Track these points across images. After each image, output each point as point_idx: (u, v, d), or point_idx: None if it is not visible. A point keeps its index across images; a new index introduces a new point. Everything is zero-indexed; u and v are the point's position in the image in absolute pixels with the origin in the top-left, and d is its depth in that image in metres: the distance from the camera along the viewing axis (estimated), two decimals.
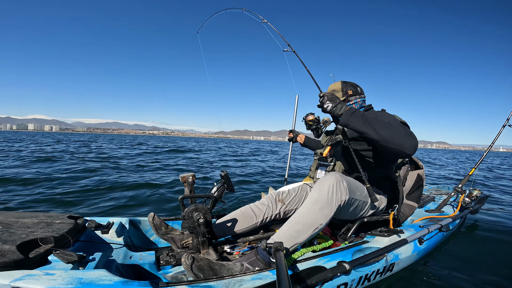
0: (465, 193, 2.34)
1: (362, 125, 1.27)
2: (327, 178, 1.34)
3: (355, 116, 1.29)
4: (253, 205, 1.74)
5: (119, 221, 1.71)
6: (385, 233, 1.58)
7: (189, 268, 1.08)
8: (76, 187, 4.24)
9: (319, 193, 1.30)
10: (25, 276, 0.88)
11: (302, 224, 1.25)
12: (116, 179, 5.01)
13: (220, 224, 1.66)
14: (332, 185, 1.30)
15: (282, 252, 1.07)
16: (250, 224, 1.67)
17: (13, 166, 6.18)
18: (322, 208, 1.27)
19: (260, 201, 1.78)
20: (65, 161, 7.50)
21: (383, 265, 1.46)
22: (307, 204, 1.30)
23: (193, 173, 1.76)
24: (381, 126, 1.25)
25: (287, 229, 1.26)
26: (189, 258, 1.10)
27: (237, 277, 1.05)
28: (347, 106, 1.34)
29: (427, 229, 1.74)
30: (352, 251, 1.38)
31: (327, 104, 1.34)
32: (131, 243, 1.66)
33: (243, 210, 1.71)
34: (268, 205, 1.73)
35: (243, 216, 1.68)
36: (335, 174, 1.36)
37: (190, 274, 1.09)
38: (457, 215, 2.13)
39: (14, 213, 1.42)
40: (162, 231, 1.55)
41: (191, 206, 1.54)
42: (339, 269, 1.19)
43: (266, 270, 1.12)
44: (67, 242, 1.22)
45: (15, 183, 4.32)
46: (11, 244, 0.99)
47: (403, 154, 1.25)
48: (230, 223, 1.65)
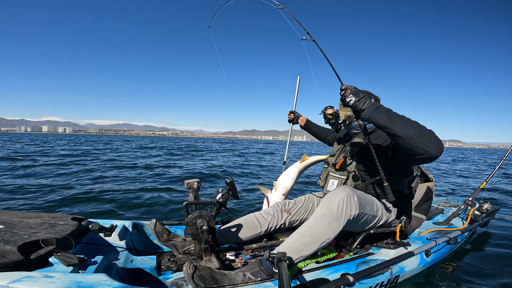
0: (475, 206, 2.28)
1: (387, 120, 1.20)
2: (337, 192, 1.31)
3: (379, 110, 1.23)
4: (257, 214, 1.71)
5: (122, 224, 1.71)
6: (391, 245, 1.54)
7: (190, 277, 1.06)
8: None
9: (328, 207, 1.27)
10: (24, 277, 0.88)
11: (309, 237, 1.23)
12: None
13: (224, 231, 1.63)
14: (343, 200, 1.28)
15: (285, 262, 1.05)
16: (254, 232, 1.64)
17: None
18: (331, 222, 1.25)
19: (265, 210, 1.75)
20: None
21: (387, 278, 1.42)
22: (316, 217, 1.28)
23: (198, 179, 1.75)
24: (408, 122, 1.20)
25: (293, 241, 1.24)
26: (190, 267, 1.08)
27: (238, 286, 1.03)
28: (371, 100, 1.28)
29: (435, 241, 1.70)
30: (357, 263, 1.35)
31: (350, 98, 1.27)
32: (133, 246, 1.66)
33: (248, 219, 1.68)
34: (273, 214, 1.70)
35: (247, 224, 1.65)
36: (346, 188, 1.33)
37: (191, 283, 1.07)
38: (466, 228, 2.07)
39: (19, 213, 1.44)
40: (164, 238, 1.53)
41: (195, 212, 1.53)
42: (343, 281, 1.16)
43: (268, 281, 1.10)
44: (69, 244, 1.22)
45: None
46: (12, 245, 0.99)
47: (427, 155, 1.17)
48: (234, 230, 1.63)
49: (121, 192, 4.26)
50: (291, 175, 2.15)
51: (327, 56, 1.77)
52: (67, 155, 10.79)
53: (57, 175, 5.81)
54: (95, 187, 4.60)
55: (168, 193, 4.45)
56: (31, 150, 12.29)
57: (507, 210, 3.95)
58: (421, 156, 1.19)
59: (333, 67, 1.66)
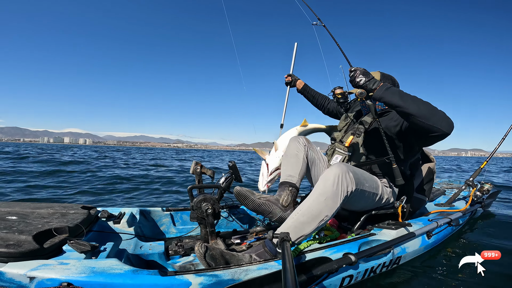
0: (476, 187, 2.29)
1: (399, 99, 1.26)
2: (332, 169, 1.32)
3: (391, 90, 1.30)
4: (286, 150, 1.70)
5: (130, 211, 1.76)
6: (392, 226, 1.58)
7: (203, 256, 1.09)
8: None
9: (324, 184, 1.29)
10: (41, 266, 0.92)
11: (307, 216, 1.25)
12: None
13: (287, 175, 1.56)
14: (338, 176, 1.29)
15: (288, 242, 1.07)
16: (300, 159, 1.61)
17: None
18: (327, 199, 1.26)
19: (288, 144, 1.72)
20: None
21: (389, 258, 1.46)
22: (313, 195, 1.30)
23: (196, 161, 1.76)
24: (420, 101, 1.26)
25: (292, 221, 1.26)
26: (202, 247, 1.11)
27: (243, 266, 1.08)
28: (381, 82, 1.34)
29: (436, 223, 1.73)
30: (359, 243, 1.39)
31: (360, 78, 1.33)
32: (141, 233, 1.72)
33: (285, 156, 1.66)
34: (297, 141, 1.68)
35: (290, 158, 1.62)
36: (341, 165, 1.34)
37: (203, 262, 1.10)
38: (467, 210, 2.10)
39: (30, 204, 1.48)
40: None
41: (199, 196, 1.56)
42: (345, 260, 1.20)
43: (272, 260, 1.14)
44: (80, 232, 1.27)
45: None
46: (27, 235, 1.04)
47: (439, 132, 1.23)
48: (290, 168, 1.58)
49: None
50: (289, 134, 2.07)
51: (336, 41, 1.76)
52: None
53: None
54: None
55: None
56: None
57: (509, 192, 3.97)
58: (434, 134, 1.25)
59: (342, 50, 1.67)
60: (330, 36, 1.83)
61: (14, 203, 1.49)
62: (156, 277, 0.95)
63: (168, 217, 1.96)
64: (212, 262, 1.11)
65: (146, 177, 6.27)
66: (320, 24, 1.87)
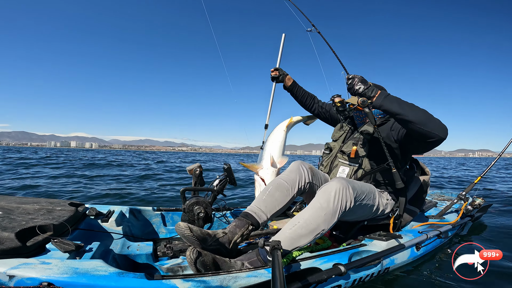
0: (468, 200, 2.31)
1: (398, 107, 1.31)
2: (332, 184, 1.32)
3: (390, 98, 1.34)
4: (282, 176, 1.55)
5: (120, 209, 1.73)
6: (383, 237, 1.57)
7: (193, 262, 1.07)
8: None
9: (324, 200, 1.29)
10: (21, 264, 0.89)
11: (305, 229, 1.24)
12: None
13: (257, 206, 1.41)
14: (339, 192, 1.29)
15: (279, 251, 1.06)
16: (288, 197, 1.48)
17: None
18: (327, 214, 1.26)
19: (288, 170, 1.59)
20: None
21: (378, 269, 1.46)
22: (312, 209, 1.29)
23: (199, 164, 1.74)
24: (417, 109, 1.31)
25: (290, 233, 1.25)
26: (194, 252, 1.08)
27: (232, 273, 1.06)
28: (379, 90, 1.36)
29: (426, 235, 1.73)
30: (349, 253, 1.38)
31: (358, 86, 1.35)
32: (129, 232, 1.68)
33: (275, 184, 1.50)
34: (298, 170, 1.56)
35: (278, 190, 1.47)
36: (341, 180, 1.34)
37: (192, 268, 1.08)
38: (457, 222, 2.11)
39: (17, 198, 1.44)
40: (209, 243, 1.19)
41: (192, 199, 1.53)
42: (334, 271, 1.19)
43: (262, 268, 1.12)
44: (66, 231, 1.24)
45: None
46: (10, 231, 1.00)
47: (436, 138, 1.29)
48: (268, 201, 1.43)
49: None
50: (278, 138, 2.01)
51: (332, 47, 1.76)
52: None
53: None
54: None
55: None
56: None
57: (499, 205, 4.01)
58: (431, 139, 1.31)
59: (338, 57, 1.67)
60: (326, 42, 1.83)
61: (0, 197, 1.44)
62: (142, 280, 0.93)
63: (158, 217, 1.93)
64: (202, 269, 1.09)
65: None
66: (315, 31, 1.86)
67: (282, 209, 1.46)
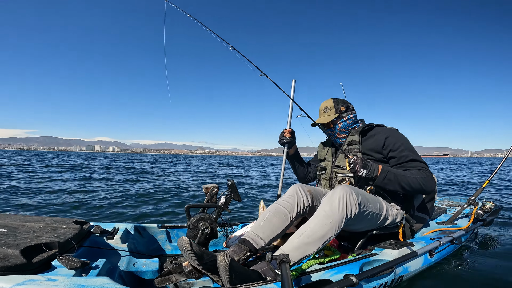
0: (478, 205, 2.26)
1: (394, 186, 1.48)
2: (336, 191, 1.33)
3: (388, 179, 1.47)
4: (281, 201, 1.54)
5: (124, 227, 1.71)
6: (394, 245, 1.53)
7: (227, 266, 1.04)
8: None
9: (330, 207, 1.29)
10: (27, 281, 0.88)
11: (312, 238, 1.24)
12: None
13: (255, 232, 1.40)
14: (343, 198, 1.29)
15: (287, 264, 1.05)
16: (285, 223, 1.46)
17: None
18: (333, 222, 1.26)
19: (287, 194, 1.58)
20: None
21: (391, 278, 1.41)
22: (318, 217, 1.29)
23: (216, 184, 1.76)
24: (410, 182, 1.47)
25: (297, 242, 1.24)
26: (227, 256, 1.06)
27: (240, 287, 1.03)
28: (378, 166, 1.48)
29: (439, 241, 1.68)
30: (360, 263, 1.34)
31: (361, 172, 1.45)
32: (135, 249, 1.66)
33: (273, 209, 1.49)
34: (297, 195, 1.55)
35: (276, 216, 1.46)
36: (345, 186, 1.35)
37: (226, 273, 1.05)
38: (469, 227, 2.06)
39: (21, 217, 1.44)
40: (205, 260, 1.13)
41: (196, 215, 1.53)
42: (346, 282, 1.15)
43: (271, 282, 1.09)
44: (71, 248, 1.22)
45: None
46: (15, 249, 0.99)
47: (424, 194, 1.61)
48: (266, 227, 1.41)
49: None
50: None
51: (283, 90, 1.89)
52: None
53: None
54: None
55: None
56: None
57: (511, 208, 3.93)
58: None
59: (290, 96, 1.88)
60: (275, 84, 1.92)
61: (4, 215, 1.44)
62: None
63: (163, 234, 1.91)
64: (232, 273, 1.06)
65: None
66: (264, 75, 1.94)
67: (281, 234, 1.46)
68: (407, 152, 1.57)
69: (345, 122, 1.78)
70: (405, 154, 1.57)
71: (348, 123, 1.78)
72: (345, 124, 1.78)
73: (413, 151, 1.60)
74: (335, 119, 1.77)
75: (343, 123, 1.78)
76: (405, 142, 1.61)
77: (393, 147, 1.59)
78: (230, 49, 2.02)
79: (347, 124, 1.78)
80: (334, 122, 1.78)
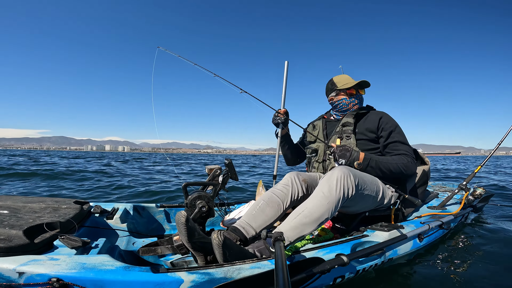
0: (469, 191, 2.31)
1: (378, 171, 1.57)
2: (334, 173, 1.34)
3: (370, 166, 1.56)
4: (274, 190, 1.54)
5: (124, 207, 1.75)
6: (385, 228, 1.58)
7: (220, 244, 1.07)
8: None
9: (328, 189, 1.30)
10: (31, 261, 0.91)
11: (309, 218, 1.26)
12: None
13: (246, 220, 1.40)
14: (340, 179, 1.31)
15: (282, 242, 1.08)
16: (278, 211, 1.47)
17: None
18: (330, 203, 1.28)
19: (281, 183, 1.59)
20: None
21: (381, 260, 1.47)
22: (315, 198, 1.30)
23: (220, 166, 1.76)
24: (391, 168, 1.56)
25: (294, 223, 1.26)
26: (221, 235, 1.09)
27: (236, 265, 1.07)
28: (358, 153, 1.55)
29: (428, 225, 1.74)
30: (351, 244, 1.39)
31: (341, 161, 1.54)
32: (134, 229, 1.70)
33: (267, 198, 1.49)
34: (291, 184, 1.56)
35: (269, 205, 1.46)
36: (343, 168, 1.37)
37: (219, 250, 1.08)
38: (459, 213, 2.11)
39: (22, 198, 1.46)
40: (195, 238, 1.17)
41: (194, 193, 1.55)
42: (337, 261, 1.20)
43: (265, 260, 1.14)
44: (72, 228, 1.26)
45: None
46: (18, 229, 1.02)
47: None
48: (258, 216, 1.42)
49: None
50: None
51: (263, 101, 1.97)
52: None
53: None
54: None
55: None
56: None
57: (502, 195, 4.01)
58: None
59: (274, 108, 1.93)
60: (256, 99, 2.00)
61: (6, 197, 1.47)
62: (148, 274, 0.94)
63: (162, 214, 1.95)
64: (226, 251, 1.09)
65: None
66: (244, 92, 2.05)
67: (273, 223, 1.47)
68: (395, 134, 1.65)
69: (358, 98, 1.83)
70: (393, 135, 1.65)
71: (359, 100, 1.83)
72: (358, 100, 1.83)
73: (402, 134, 1.67)
74: (354, 87, 1.80)
75: (356, 98, 1.82)
76: (396, 125, 1.69)
77: (385, 126, 1.66)
78: (215, 76, 2.19)
79: (359, 100, 1.83)
80: (351, 92, 1.81)
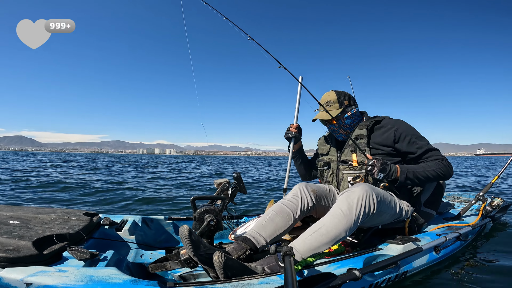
0: (486, 201, 2.23)
1: (415, 182, 1.53)
2: (356, 191, 1.30)
3: (408, 178, 1.50)
4: (284, 201, 1.54)
5: (133, 219, 1.75)
6: (399, 240, 1.53)
7: (222, 266, 1.04)
8: None
9: (347, 206, 1.26)
10: (38, 272, 0.91)
11: (326, 236, 1.22)
12: None
13: (256, 231, 1.39)
14: (362, 198, 1.27)
15: (291, 257, 1.05)
16: (289, 222, 1.45)
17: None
18: (349, 221, 1.24)
19: (290, 194, 1.58)
20: None
21: (395, 274, 1.41)
22: (334, 216, 1.26)
23: (227, 179, 1.76)
24: (429, 175, 1.52)
25: (311, 240, 1.23)
26: (222, 256, 1.06)
27: (244, 280, 1.05)
28: (396, 167, 1.50)
29: (445, 237, 1.67)
30: (364, 258, 1.34)
31: (379, 176, 1.46)
32: (142, 241, 1.70)
33: (277, 209, 1.48)
34: (301, 195, 1.54)
35: (279, 215, 1.45)
36: (365, 185, 1.32)
37: (221, 272, 1.06)
38: (476, 224, 2.03)
39: (33, 209, 1.49)
40: (201, 251, 1.13)
41: (202, 207, 1.54)
42: (349, 276, 1.16)
43: (274, 275, 1.11)
44: (81, 239, 1.26)
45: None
46: (27, 240, 1.03)
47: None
48: (268, 227, 1.41)
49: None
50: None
51: (303, 85, 1.84)
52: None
53: None
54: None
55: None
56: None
57: None
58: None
59: (309, 91, 1.75)
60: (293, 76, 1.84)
61: (17, 208, 1.49)
62: None
63: (170, 226, 1.95)
64: (228, 272, 1.07)
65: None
66: (282, 67, 1.80)
67: (283, 234, 1.45)
68: (420, 143, 1.58)
69: (349, 118, 1.71)
70: (419, 146, 1.58)
71: (351, 119, 1.71)
72: (349, 120, 1.71)
73: (424, 139, 1.60)
74: (339, 114, 1.68)
75: (347, 119, 1.70)
76: (414, 133, 1.61)
77: (405, 140, 1.59)
78: (249, 39, 1.89)
79: (351, 120, 1.71)
80: (337, 118, 1.69)
